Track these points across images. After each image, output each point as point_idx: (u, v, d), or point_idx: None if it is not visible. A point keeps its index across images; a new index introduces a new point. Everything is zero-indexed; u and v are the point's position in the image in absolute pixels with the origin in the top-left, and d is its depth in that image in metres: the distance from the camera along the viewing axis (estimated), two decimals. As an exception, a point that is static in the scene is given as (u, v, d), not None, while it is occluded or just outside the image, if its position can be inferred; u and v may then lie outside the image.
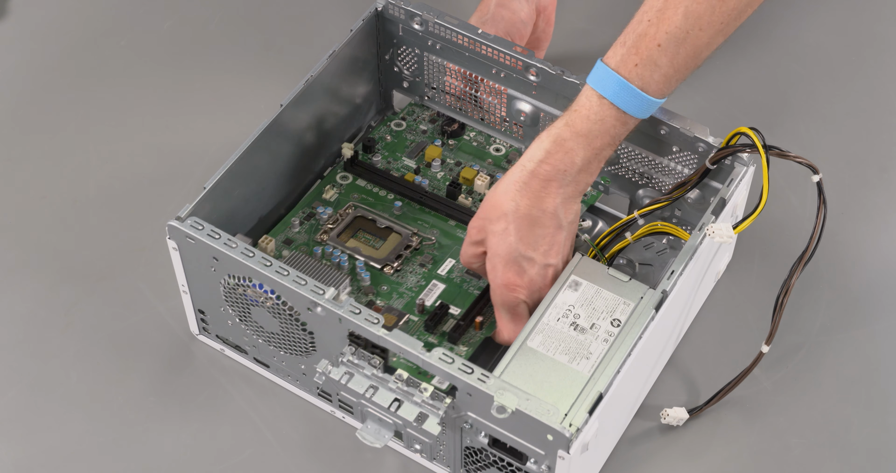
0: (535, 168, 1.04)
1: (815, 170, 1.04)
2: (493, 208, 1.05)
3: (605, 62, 1.02)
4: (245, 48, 1.38)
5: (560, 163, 1.04)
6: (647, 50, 1.01)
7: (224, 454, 1.10)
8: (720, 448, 1.11)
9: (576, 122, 1.03)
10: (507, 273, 1.06)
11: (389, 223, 1.18)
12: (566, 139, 1.03)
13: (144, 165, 1.29)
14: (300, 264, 1.11)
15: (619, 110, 1.03)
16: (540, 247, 1.05)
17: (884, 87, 1.35)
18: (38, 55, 1.38)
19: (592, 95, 1.03)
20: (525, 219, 1.04)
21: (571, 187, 1.05)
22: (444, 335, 1.11)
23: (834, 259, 1.22)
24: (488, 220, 1.05)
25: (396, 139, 1.25)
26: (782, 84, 1.35)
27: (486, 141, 1.24)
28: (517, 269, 1.06)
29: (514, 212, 1.04)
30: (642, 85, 1.02)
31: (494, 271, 1.06)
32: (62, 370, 1.15)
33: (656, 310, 1.02)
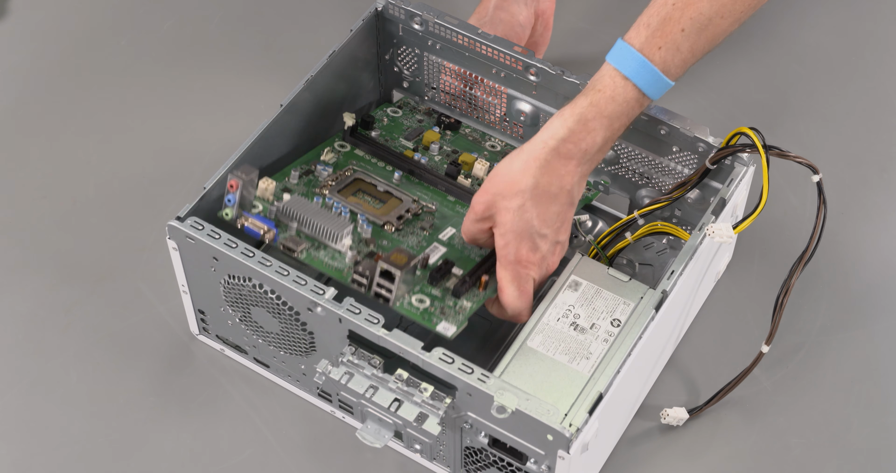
0: (557, 146, 1.02)
1: (815, 170, 1.04)
2: (507, 183, 1.03)
3: (628, 42, 1.02)
4: (245, 48, 1.38)
5: (583, 142, 1.03)
6: (672, 34, 1.01)
7: (224, 454, 1.10)
8: (720, 448, 1.11)
9: (600, 102, 1.02)
10: (521, 250, 1.04)
11: (389, 188, 1.15)
12: (590, 119, 1.02)
13: (144, 165, 1.29)
14: (302, 207, 1.08)
15: (639, 92, 1.02)
16: (554, 224, 1.04)
17: (884, 87, 1.35)
18: (38, 55, 1.38)
19: (616, 75, 1.02)
20: (543, 196, 1.03)
21: (587, 166, 1.04)
22: (447, 290, 1.07)
23: (834, 259, 1.22)
24: (501, 196, 1.03)
25: (394, 123, 1.24)
26: (782, 84, 1.35)
27: (481, 137, 1.24)
28: (531, 245, 1.04)
29: (532, 189, 1.03)
30: (664, 68, 1.02)
31: (507, 247, 1.04)
32: (62, 370, 1.15)
33: (656, 310, 1.02)
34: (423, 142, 1.21)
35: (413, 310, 1.05)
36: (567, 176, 1.03)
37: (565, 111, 1.03)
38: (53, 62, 1.37)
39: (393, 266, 1.03)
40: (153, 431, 1.12)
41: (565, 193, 1.04)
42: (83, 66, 1.37)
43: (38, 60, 1.38)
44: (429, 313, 1.05)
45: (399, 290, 1.04)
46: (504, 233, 1.04)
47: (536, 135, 1.04)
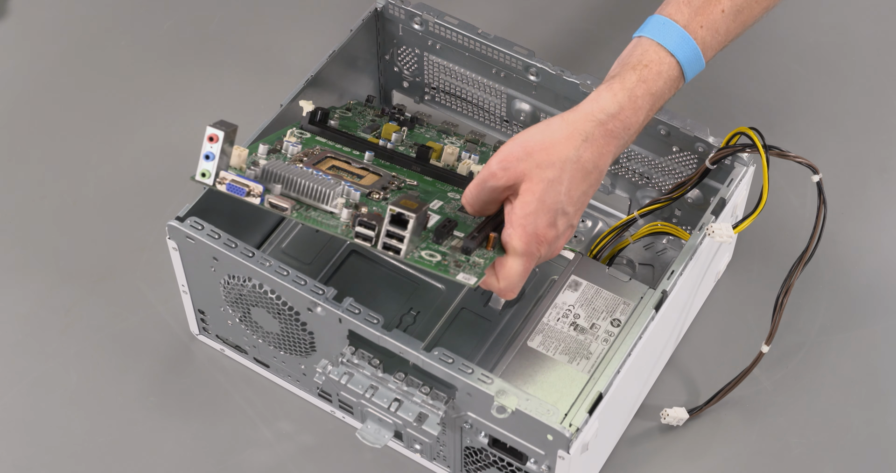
0: (605, 121, 0.97)
1: (815, 170, 1.04)
2: (546, 151, 0.96)
3: (672, 19, 1.00)
4: (245, 48, 1.38)
5: (628, 120, 0.98)
6: (713, 15, 1.00)
7: (224, 454, 1.10)
8: (720, 448, 1.11)
9: (649, 78, 0.99)
10: (540, 223, 0.97)
11: (365, 165, 1.07)
12: (638, 96, 0.98)
13: (144, 165, 1.29)
14: (285, 169, 1.00)
15: (679, 70, 1.00)
16: (578, 204, 0.98)
17: (884, 87, 1.35)
18: (38, 55, 1.38)
19: (660, 50, 0.99)
20: (580, 172, 0.97)
21: (621, 149, 1.00)
22: (454, 249, 0.99)
23: (834, 259, 1.22)
24: (536, 163, 0.96)
25: (347, 121, 1.16)
26: (782, 84, 1.35)
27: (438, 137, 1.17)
28: (551, 221, 0.97)
29: (574, 162, 0.96)
30: (703, 49, 1.00)
31: (529, 217, 0.97)
32: (62, 370, 1.15)
33: (656, 310, 1.02)
34: (383, 134, 1.14)
35: (427, 263, 0.97)
36: (606, 155, 0.98)
37: (614, 85, 0.98)
38: (53, 62, 1.37)
39: (406, 210, 0.93)
40: (153, 431, 1.12)
41: (598, 172, 0.98)
42: (83, 66, 1.37)
43: (38, 60, 1.38)
44: (443, 265, 0.97)
45: (412, 241, 0.95)
46: (529, 202, 0.96)
47: (581, 105, 0.98)
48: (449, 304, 1.16)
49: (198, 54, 1.38)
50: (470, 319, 1.16)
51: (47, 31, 1.40)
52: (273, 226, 1.20)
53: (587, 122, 0.97)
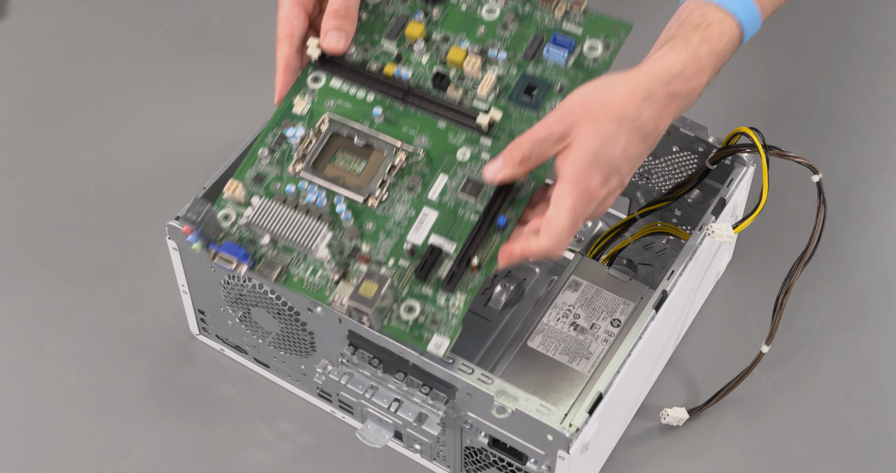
0: (669, 81, 0.94)
1: (815, 170, 1.04)
2: (605, 107, 0.93)
3: None
4: (245, 48, 1.38)
5: (691, 81, 0.95)
6: None
7: (224, 454, 1.10)
8: (720, 448, 1.11)
9: (712, 38, 0.95)
10: (594, 180, 0.93)
11: (369, 139, 1.03)
12: (702, 56, 0.95)
13: (144, 165, 1.29)
14: (272, 214, 1.00)
15: (740, 31, 0.97)
16: (633, 164, 0.95)
17: (884, 87, 1.35)
18: (38, 55, 1.38)
19: (719, 11, 0.96)
20: (638, 131, 0.93)
21: (682, 110, 0.96)
22: (438, 284, 0.98)
23: (834, 259, 1.22)
24: (594, 118, 0.92)
25: (373, 15, 1.08)
26: (782, 84, 1.35)
27: (476, 2, 1.08)
28: (604, 178, 0.94)
29: (633, 120, 0.93)
30: (761, 9, 0.98)
31: (583, 173, 0.93)
32: (62, 370, 1.15)
33: (656, 310, 1.02)
34: (407, 37, 1.06)
35: (402, 328, 0.97)
36: (666, 116, 0.95)
37: (678, 44, 0.95)
38: (53, 62, 1.37)
39: (361, 303, 0.95)
40: (153, 431, 1.12)
41: (656, 135, 0.95)
42: (83, 66, 1.37)
43: (38, 60, 1.38)
44: (419, 326, 0.97)
45: (376, 318, 0.96)
46: (583, 158, 0.92)
47: (643, 65, 0.95)
48: (449, 304, 1.16)
49: (198, 54, 1.38)
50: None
51: (47, 31, 1.40)
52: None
53: (650, 81, 0.94)
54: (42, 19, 1.41)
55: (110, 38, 1.39)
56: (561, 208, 0.93)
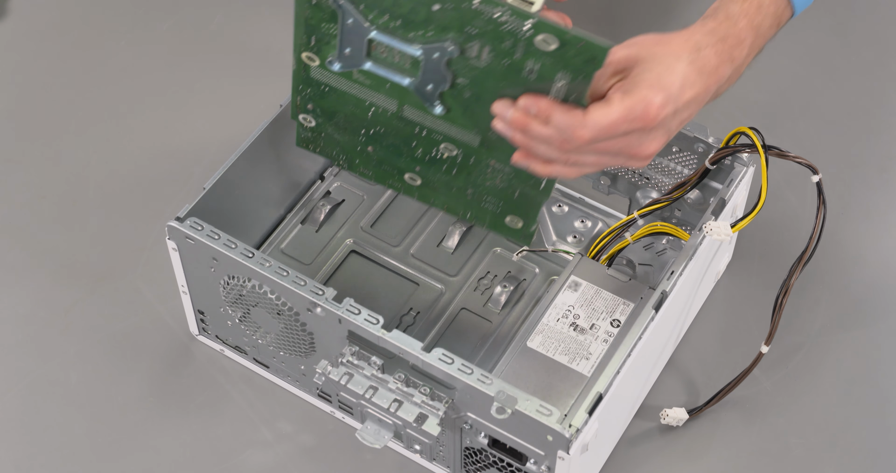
0: (716, 43, 0.94)
1: (814, 170, 1.04)
2: (661, 45, 0.92)
3: None
4: (245, 48, 1.38)
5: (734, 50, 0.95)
6: None
7: (224, 454, 1.11)
8: (720, 448, 1.11)
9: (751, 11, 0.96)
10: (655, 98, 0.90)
11: None
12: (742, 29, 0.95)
13: (144, 165, 1.29)
14: None
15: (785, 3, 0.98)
16: (685, 107, 0.93)
17: (884, 87, 1.35)
18: (38, 55, 1.38)
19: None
20: (696, 71, 0.93)
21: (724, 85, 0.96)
22: None
23: (834, 259, 1.22)
24: (651, 53, 0.92)
25: None
26: (782, 84, 1.35)
27: None
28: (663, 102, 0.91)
29: (689, 62, 0.93)
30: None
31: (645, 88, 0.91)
32: (62, 370, 1.15)
33: (656, 310, 1.02)
34: None
35: None
36: (714, 76, 0.94)
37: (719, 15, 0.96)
38: (53, 62, 1.37)
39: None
40: (153, 431, 1.12)
41: (704, 89, 0.94)
42: (83, 66, 1.37)
43: (38, 60, 1.38)
44: None
45: None
46: (646, 76, 0.91)
47: (690, 27, 0.95)
48: (449, 304, 1.17)
49: (198, 54, 1.38)
50: (470, 319, 1.16)
51: (47, 31, 1.40)
52: (273, 226, 1.20)
53: (701, 36, 0.94)
54: (42, 19, 1.41)
55: (110, 38, 1.39)
56: (615, 102, 0.90)
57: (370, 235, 1.21)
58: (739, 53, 0.96)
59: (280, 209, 1.20)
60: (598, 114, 0.90)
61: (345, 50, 1.00)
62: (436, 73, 0.97)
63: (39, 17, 1.41)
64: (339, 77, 1.03)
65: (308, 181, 1.22)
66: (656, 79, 0.91)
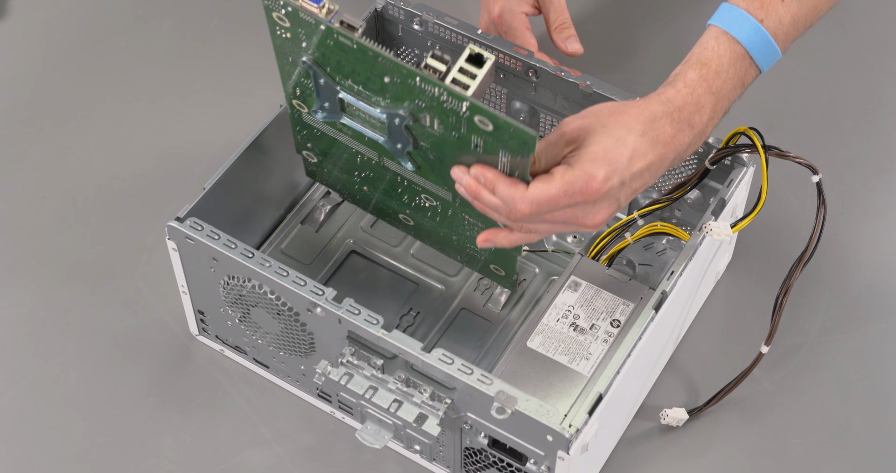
0: (672, 112, 0.96)
1: (814, 170, 1.04)
2: (616, 117, 0.95)
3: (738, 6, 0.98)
4: (245, 48, 1.38)
5: (692, 117, 0.97)
6: (772, 5, 0.98)
7: (224, 454, 1.11)
8: (720, 448, 1.11)
9: (709, 77, 0.98)
10: (598, 172, 0.94)
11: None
12: (700, 95, 0.98)
13: (144, 165, 1.29)
14: None
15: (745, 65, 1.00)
16: (634, 179, 0.96)
17: (884, 87, 1.35)
18: (38, 55, 1.38)
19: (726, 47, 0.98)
20: (647, 145, 0.95)
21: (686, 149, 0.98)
22: None
23: (834, 259, 1.22)
24: (603, 124, 0.95)
25: None
26: (782, 84, 1.35)
27: None
28: (607, 175, 0.94)
29: (640, 134, 0.95)
30: (775, 39, 1.00)
31: (586, 163, 0.93)
32: (62, 370, 1.15)
33: (656, 310, 1.02)
34: None
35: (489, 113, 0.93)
36: (670, 145, 0.96)
37: (677, 83, 0.98)
38: (53, 62, 1.37)
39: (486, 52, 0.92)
40: (153, 431, 1.12)
41: (659, 157, 0.96)
42: (83, 66, 1.37)
43: (38, 59, 1.38)
44: None
45: (482, 84, 0.93)
46: (592, 150, 0.94)
47: (649, 95, 0.98)
48: (449, 304, 1.17)
49: (198, 54, 1.38)
50: (470, 319, 1.16)
51: (47, 31, 1.40)
52: (273, 227, 1.20)
53: (656, 105, 0.96)
54: (42, 19, 1.41)
55: (110, 38, 1.39)
56: (557, 176, 0.94)
57: (370, 235, 1.21)
58: (699, 119, 0.98)
59: (280, 209, 1.20)
60: (537, 189, 0.94)
61: (323, 104, 1.04)
62: (399, 135, 1.00)
63: (39, 17, 1.41)
64: (327, 124, 1.07)
65: (308, 181, 1.22)
66: (602, 152, 0.94)
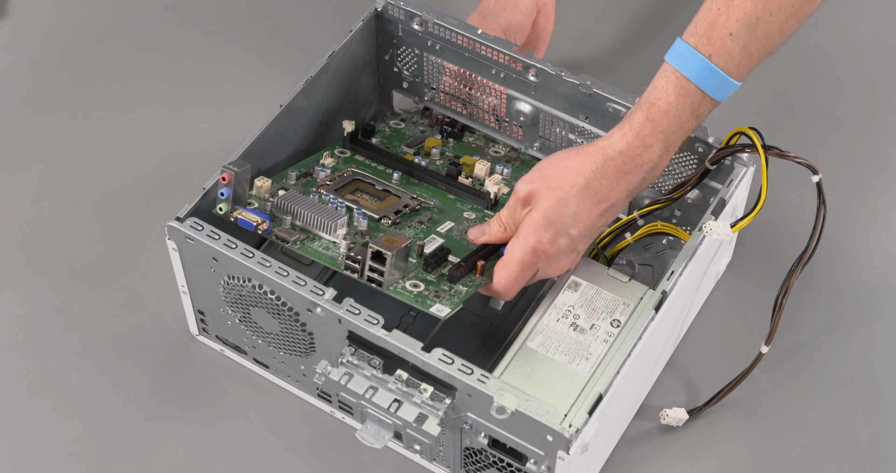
0: (615, 157, 1.02)
1: (814, 170, 1.04)
2: (558, 174, 1.02)
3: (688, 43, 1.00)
4: (245, 48, 1.38)
5: (639, 158, 1.02)
6: (720, 40, 0.99)
7: (224, 454, 1.11)
8: (720, 448, 1.11)
9: (656, 117, 1.01)
10: (543, 237, 1.02)
11: (388, 187, 1.15)
12: (647, 134, 1.02)
13: (144, 165, 1.29)
14: (296, 201, 1.09)
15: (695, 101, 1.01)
16: (583, 228, 1.03)
17: (883, 87, 1.35)
18: (38, 55, 1.38)
19: (676, 85, 1.01)
20: (590, 198, 1.02)
21: (638, 186, 1.04)
22: (443, 276, 1.07)
23: (834, 259, 1.22)
24: (547, 185, 1.02)
25: (395, 133, 1.24)
26: (782, 84, 1.35)
27: (485, 144, 1.24)
28: (552, 238, 1.02)
29: (582, 188, 1.02)
30: (727, 72, 1.00)
31: (531, 229, 1.02)
32: (62, 370, 1.15)
33: (656, 311, 1.02)
34: (425, 148, 1.22)
35: (406, 294, 1.04)
36: (618, 189, 1.03)
37: (624, 125, 1.02)
38: (53, 62, 1.37)
39: (384, 248, 1.02)
40: (153, 431, 1.12)
41: (609, 203, 1.03)
42: (83, 66, 1.37)
43: (38, 59, 1.38)
44: (422, 296, 1.04)
45: (391, 274, 1.03)
46: (535, 216, 1.02)
47: (596, 141, 1.03)
48: (449, 304, 1.17)
49: (198, 54, 1.38)
50: (470, 319, 1.16)
51: (47, 31, 1.40)
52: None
53: (597, 155, 1.02)
54: (42, 19, 1.41)
55: (110, 38, 1.39)
56: (511, 259, 1.03)
57: (370, 235, 1.21)
58: (648, 158, 1.02)
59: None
60: (501, 277, 1.04)
61: None
62: None
63: (39, 17, 1.41)
64: None
65: (308, 181, 1.22)
66: (543, 218, 1.02)
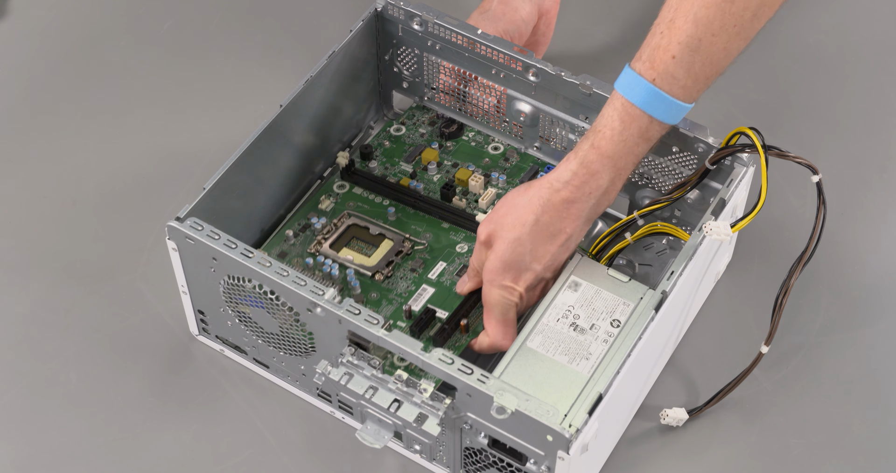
0: (560, 189, 1.04)
1: (814, 170, 1.04)
2: (510, 215, 1.05)
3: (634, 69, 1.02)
4: (245, 48, 1.38)
5: (586, 185, 1.04)
6: (663, 63, 1.00)
7: (224, 454, 1.11)
8: (720, 448, 1.11)
9: (601, 145, 1.03)
10: (506, 279, 1.05)
11: (382, 230, 1.18)
12: (592, 161, 1.03)
13: (144, 165, 1.29)
14: None
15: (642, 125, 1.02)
16: (545, 262, 1.06)
17: (884, 87, 1.35)
18: (38, 55, 1.38)
19: (623, 111, 1.02)
20: (543, 233, 1.05)
21: (593, 211, 1.05)
22: (429, 340, 1.11)
23: (834, 259, 1.22)
24: (501, 226, 1.05)
25: (395, 144, 1.25)
26: (782, 84, 1.35)
27: (484, 141, 1.25)
28: (514, 277, 1.06)
29: (533, 224, 1.04)
30: (674, 95, 1.02)
31: (493, 273, 1.06)
32: (62, 370, 1.15)
33: (656, 311, 1.02)
34: (422, 161, 1.23)
35: None
36: (569, 218, 1.05)
37: (570, 155, 1.04)
38: (53, 62, 1.37)
39: None
40: (153, 431, 1.12)
41: (564, 235, 1.05)
42: (83, 66, 1.37)
43: (38, 59, 1.38)
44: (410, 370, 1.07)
45: None
46: (493, 260, 1.06)
47: (545, 176, 1.05)
48: (449, 304, 1.17)
49: (198, 54, 1.38)
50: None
51: (47, 31, 1.40)
52: (273, 226, 1.20)
53: (543, 190, 1.04)
54: (42, 19, 1.41)
55: (110, 38, 1.39)
56: (488, 306, 1.07)
57: (370, 235, 1.21)
58: (597, 184, 1.04)
59: (280, 209, 1.20)
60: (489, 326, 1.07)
61: None
62: None
63: (39, 17, 1.41)
64: None
65: (308, 181, 1.22)
66: (500, 262, 1.05)
